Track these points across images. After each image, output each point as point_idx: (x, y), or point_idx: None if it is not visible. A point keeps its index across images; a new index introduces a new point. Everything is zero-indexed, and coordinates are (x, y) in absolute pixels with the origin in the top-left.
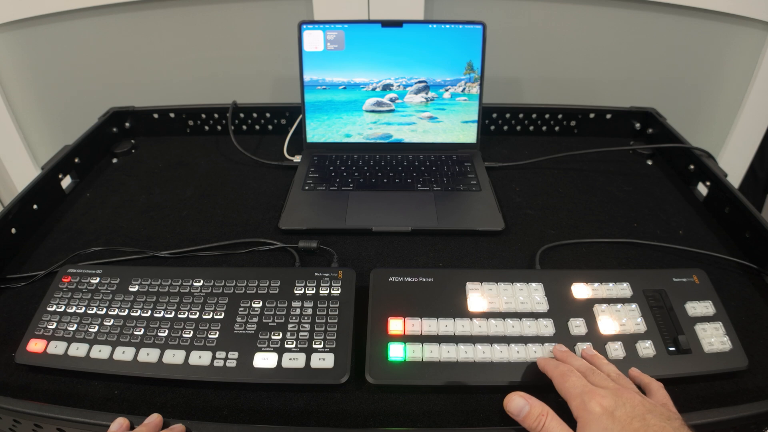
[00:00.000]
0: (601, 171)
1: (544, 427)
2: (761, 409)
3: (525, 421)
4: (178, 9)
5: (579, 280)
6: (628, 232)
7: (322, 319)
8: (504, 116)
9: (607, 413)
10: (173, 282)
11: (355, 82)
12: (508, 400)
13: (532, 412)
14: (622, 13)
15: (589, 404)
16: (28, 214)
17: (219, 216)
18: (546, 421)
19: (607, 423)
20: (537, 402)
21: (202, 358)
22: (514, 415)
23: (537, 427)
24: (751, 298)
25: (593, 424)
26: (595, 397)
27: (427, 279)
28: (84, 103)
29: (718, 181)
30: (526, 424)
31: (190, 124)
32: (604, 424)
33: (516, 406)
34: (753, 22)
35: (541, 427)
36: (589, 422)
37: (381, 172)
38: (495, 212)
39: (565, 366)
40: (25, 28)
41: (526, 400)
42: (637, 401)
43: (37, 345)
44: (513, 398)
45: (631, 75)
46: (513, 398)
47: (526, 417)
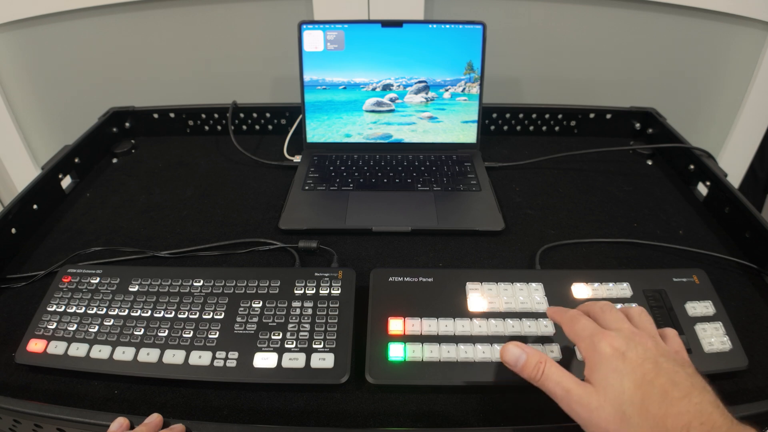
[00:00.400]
0: (601, 171)
1: (544, 374)
2: (761, 409)
3: (523, 370)
4: (178, 9)
5: (579, 280)
6: (628, 232)
7: (322, 319)
8: (504, 116)
9: (618, 354)
10: (173, 282)
11: (355, 82)
12: (503, 350)
13: (530, 361)
14: (622, 13)
15: (599, 345)
16: (28, 214)
17: (219, 216)
18: (545, 368)
19: (617, 364)
20: (533, 350)
21: (202, 358)
22: (511, 365)
23: (536, 375)
24: (751, 298)
25: (603, 364)
26: (606, 338)
27: (427, 279)
28: (84, 103)
29: (718, 181)
30: (525, 374)
31: (190, 124)
32: (614, 365)
33: (512, 355)
34: (753, 22)
35: (540, 374)
36: (599, 363)
37: (381, 172)
38: (495, 212)
39: (574, 311)
40: (25, 28)
41: (523, 349)
42: (650, 344)
43: (37, 345)
44: (509, 348)
45: (631, 75)
46: (509, 348)
47: (524, 366)
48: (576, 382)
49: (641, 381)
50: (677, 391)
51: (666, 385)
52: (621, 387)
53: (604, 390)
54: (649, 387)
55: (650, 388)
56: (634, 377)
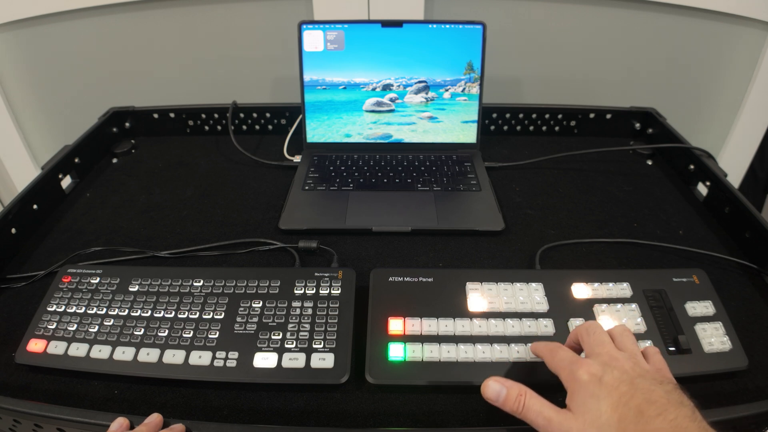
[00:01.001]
0: (601, 171)
1: (525, 406)
2: (761, 409)
3: (505, 404)
4: (178, 9)
5: (579, 280)
6: (628, 232)
7: (322, 319)
8: (504, 116)
9: (595, 379)
10: (173, 282)
11: (355, 82)
12: (484, 387)
13: (510, 395)
14: (622, 13)
15: (577, 373)
16: (28, 214)
17: (219, 216)
18: (525, 401)
19: (593, 389)
20: (513, 384)
21: (202, 358)
22: (492, 400)
23: (518, 408)
24: (751, 298)
25: (581, 391)
26: (583, 366)
27: (427, 279)
28: (84, 103)
29: (718, 181)
30: (507, 408)
31: (190, 124)
32: (591, 390)
33: (493, 391)
34: (753, 22)
35: (522, 407)
36: (577, 390)
37: (381, 172)
38: (495, 212)
39: (554, 343)
40: (25, 28)
41: (502, 384)
42: (627, 367)
43: (37, 345)
44: (489, 384)
45: (631, 75)
46: (489, 384)
47: (505, 401)
48: (556, 410)
49: (617, 403)
50: (652, 410)
51: (642, 405)
52: (598, 411)
53: (582, 415)
54: (625, 408)
55: (626, 410)
56: (610, 400)
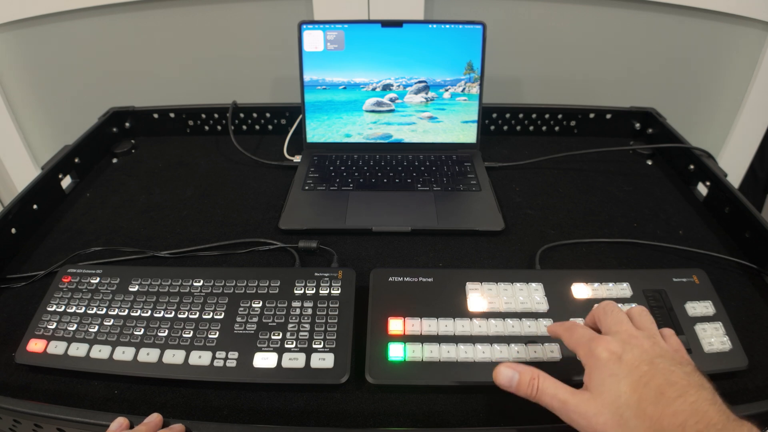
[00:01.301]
0: (601, 171)
1: (539, 389)
2: (761, 409)
3: (518, 389)
4: (178, 9)
5: (579, 280)
6: (628, 232)
7: (322, 319)
8: (504, 116)
9: (615, 358)
10: (173, 282)
11: (355, 82)
12: (496, 373)
13: (523, 379)
14: (622, 13)
15: (596, 350)
16: (28, 214)
17: (219, 216)
18: (539, 384)
19: (613, 368)
20: (525, 367)
21: (202, 358)
22: (505, 386)
23: (532, 391)
24: (751, 298)
25: (600, 369)
26: (602, 343)
27: (427, 279)
28: (84, 103)
29: (718, 181)
30: (521, 392)
31: (190, 124)
32: (611, 369)
33: (505, 377)
34: (753, 22)
35: (535, 390)
36: (596, 367)
37: (381, 172)
38: (495, 212)
39: (571, 322)
40: (25, 28)
41: (515, 369)
42: (647, 345)
43: (37, 345)
44: (501, 370)
45: (631, 75)
46: (501, 370)
47: (519, 385)
48: (571, 392)
49: (637, 383)
50: (673, 391)
51: (662, 386)
52: (618, 391)
53: (600, 395)
54: (645, 388)
55: (646, 390)
56: (630, 380)
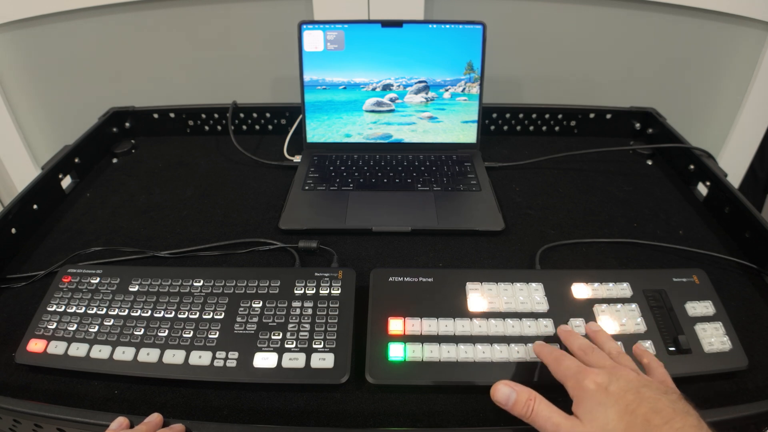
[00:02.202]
0: (601, 171)
1: (534, 411)
2: (761, 409)
3: (514, 408)
4: (178, 9)
5: (579, 280)
6: (628, 232)
7: (322, 319)
8: (504, 116)
9: (601, 389)
10: (173, 282)
11: (355, 82)
12: (494, 390)
13: (520, 399)
14: (622, 13)
15: (583, 382)
16: (28, 214)
17: (219, 216)
18: (534, 406)
19: (600, 398)
20: (523, 388)
21: (202, 358)
22: (501, 404)
23: (526, 412)
24: (751, 298)
25: (587, 399)
26: (589, 375)
27: (427, 279)
28: (84, 103)
29: (718, 181)
30: (516, 412)
31: (190, 124)
32: (598, 399)
33: (503, 395)
34: (753, 22)
35: (530, 412)
36: (584, 399)
37: (381, 172)
38: (495, 212)
39: (558, 351)
40: (25, 28)
41: (512, 388)
42: (632, 377)
43: (37, 345)
44: (499, 387)
45: (631, 75)
46: (499, 387)
47: (515, 404)
48: (564, 417)
49: (624, 411)
50: (659, 419)
51: (648, 414)
52: (605, 419)
53: (590, 422)
54: (632, 416)
55: (633, 418)
56: (617, 408)
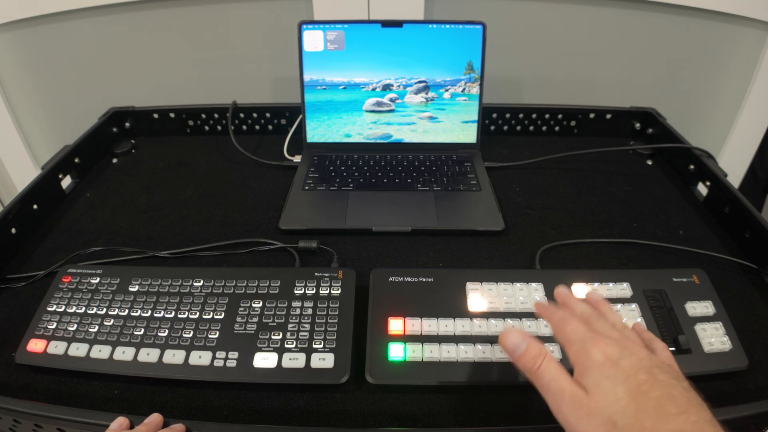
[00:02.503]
0: (601, 171)
1: (540, 368)
2: (761, 409)
3: (521, 359)
4: (178, 9)
5: (579, 280)
6: (628, 232)
7: (322, 319)
8: (504, 116)
9: (611, 362)
10: (173, 282)
11: (355, 82)
12: (504, 335)
13: (530, 351)
14: (622, 13)
15: (590, 351)
16: (28, 214)
17: (219, 216)
18: (543, 362)
19: (610, 371)
20: (535, 341)
21: (202, 358)
22: (509, 351)
23: (533, 367)
24: (751, 298)
25: (594, 370)
26: (598, 344)
27: (427, 279)
28: (84, 103)
29: (718, 181)
30: (521, 363)
31: (190, 124)
32: (607, 372)
33: (512, 342)
34: (753, 22)
35: (537, 368)
36: (590, 368)
37: (381, 172)
38: (495, 212)
39: (562, 311)
40: (25, 28)
41: (524, 338)
42: (644, 354)
43: (37, 345)
44: (510, 333)
45: (631, 75)
46: (510, 333)
47: (523, 355)
48: (571, 382)
49: (636, 391)
50: (674, 407)
51: (662, 399)
52: (615, 395)
53: (596, 396)
54: (644, 398)
55: (645, 400)
56: (627, 386)
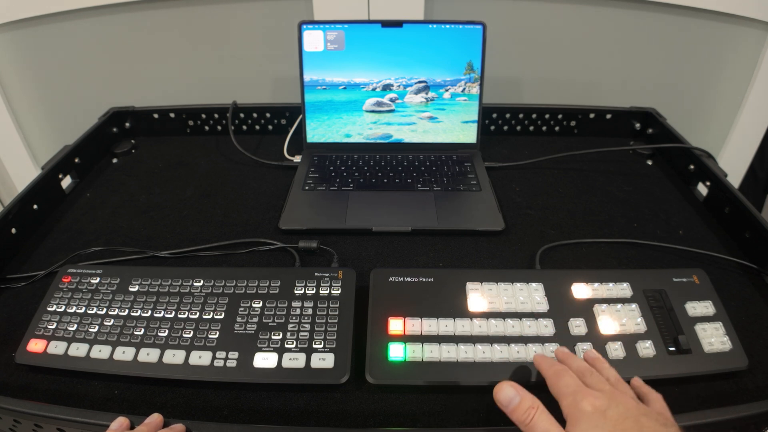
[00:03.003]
0: (601, 171)
1: (533, 420)
2: (761, 409)
3: (514, 412)
4: (178, 9)
5: (579, 280)
6: (628, 232)
7: (322, 319)
8: (504, 116)
9: (599, 412)
10: (173, 282)
11: (355, 82)
12: (498, 389)
13: (522, 405)
14: (622, 13)
15: (581, 403)
16: (28, 214)
17: (219, 216)
18: (535, 415)
19: (597, 421)
20: (528, 394)
21: (202, 358)
22: (503, 405)
23: (525, 420)
24: (751, 298)
25: (583, 421)
26: (588, 396)
27: (427, 279)
28: (84, 103)
29: (718, 181)
30: (515, 417)
31: (190, 124)
32: (595, 422)
33: (506, 396)
34: (753, 22)
35: (529, 420)
36: (580, 420)
37: (381, 172)
38: (495, 212)
39: (560, 365)
40: (25, 28)
41: (517, 392)
42: (631, 405)
43: (37, 345)
44: (503, 387)
45: (631, 75)
46: (503, 387)
47: (516, 409)
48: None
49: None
50: None
51: None
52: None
53: None
54: None
55: None
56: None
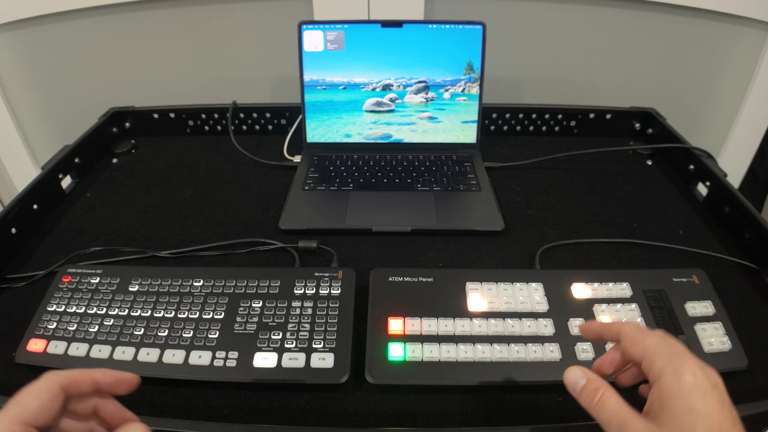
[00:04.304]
0: (601, 171)
1: (600, 400)
2: (761, 409)
3: (581, 394)
4: (178, 9)
5: (579, 280)
6: (628, 232)
7: (322, 319)
8: (504, 116)
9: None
10: (173, 282)
11: (355, 82)
12: (566, 372)
13: (588, 386)
14: (622, 13)
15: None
16: (28, 214)
17: (219, 216)
18: (602, 395)
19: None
20: (595, 377)
21: (202, 358)
22: (570, 388)
23: (592, 401)
24: (750, 298)
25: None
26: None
27: (427, 279)
28: (84, 103)
29: (718, 181)
30: (581, 399)
31: (190, 124)
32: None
33: (572, 378)
34: (753, 22)
35: (596, 400)
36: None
37: (381, 172)
38: (495, 212)
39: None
40: (25, 28)
41: (584, 374)
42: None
43: (37, 345)
44: (570, 371)
45: (631, 75)
46: (570, 371)
47: (582, 390)
48: (635, 417)
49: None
50: None
51: None
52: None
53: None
54: None
55: None
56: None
